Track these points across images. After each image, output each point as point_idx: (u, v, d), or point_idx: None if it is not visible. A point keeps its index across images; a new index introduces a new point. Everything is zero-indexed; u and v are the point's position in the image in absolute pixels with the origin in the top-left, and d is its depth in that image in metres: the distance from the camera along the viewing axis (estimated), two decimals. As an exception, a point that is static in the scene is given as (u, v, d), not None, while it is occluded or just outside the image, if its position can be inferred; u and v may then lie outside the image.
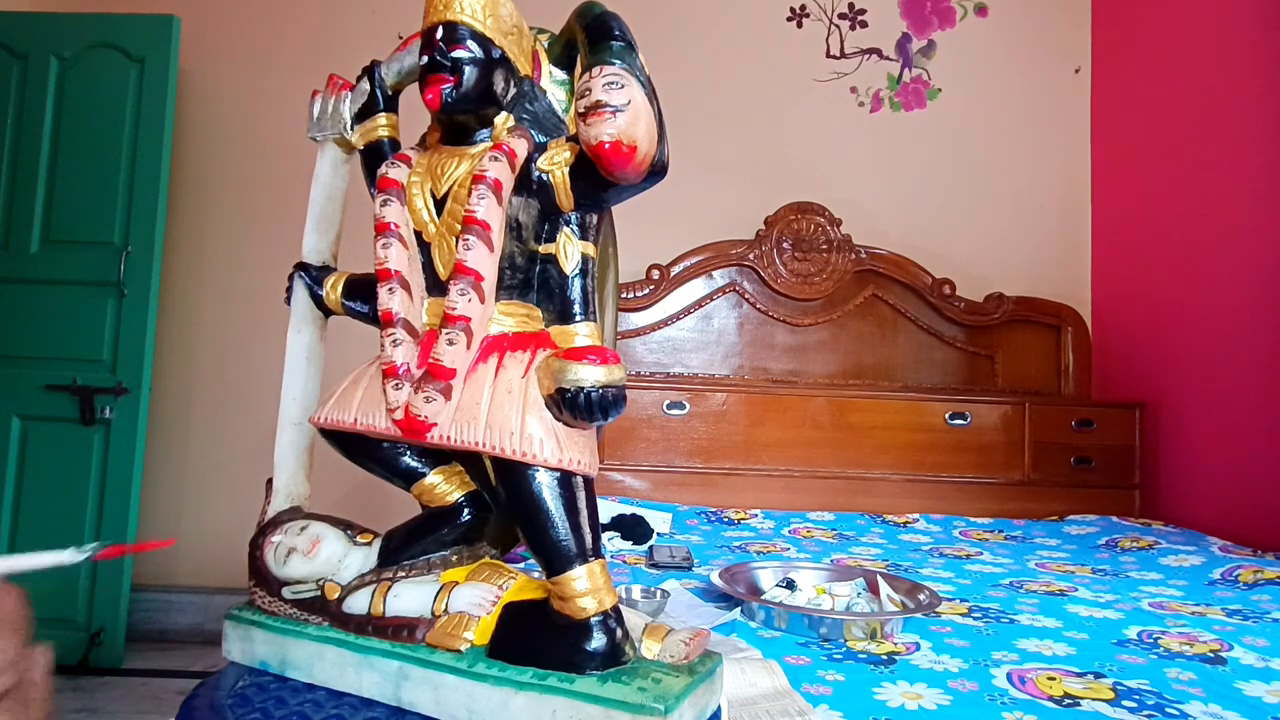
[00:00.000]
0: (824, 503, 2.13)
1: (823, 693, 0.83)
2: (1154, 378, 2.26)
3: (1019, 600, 1.26)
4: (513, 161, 0.56)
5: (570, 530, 0.53)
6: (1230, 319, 2.00)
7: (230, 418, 2.54)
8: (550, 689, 0.52)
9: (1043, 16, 2.66)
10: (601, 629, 0.54)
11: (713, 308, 2.50)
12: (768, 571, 1.24)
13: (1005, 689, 0.86)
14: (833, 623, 1.02)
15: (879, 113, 2.66)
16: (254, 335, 2.53)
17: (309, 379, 0.75)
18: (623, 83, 0.50)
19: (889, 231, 2.54)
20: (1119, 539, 1.81)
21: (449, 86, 0.57)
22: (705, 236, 2.49)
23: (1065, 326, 2.49)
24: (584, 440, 0.54)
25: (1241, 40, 2.01)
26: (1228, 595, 1.34)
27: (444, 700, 0.55)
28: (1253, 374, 1.91)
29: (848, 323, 2.49)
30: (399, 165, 0.61)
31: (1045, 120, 2.65)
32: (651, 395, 2.18)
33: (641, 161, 0.51)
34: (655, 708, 0.50)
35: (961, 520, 2.03)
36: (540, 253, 0.59)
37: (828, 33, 2.67)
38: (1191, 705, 0.83)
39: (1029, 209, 2.62)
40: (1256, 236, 1.92)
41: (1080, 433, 2.24)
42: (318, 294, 0.72)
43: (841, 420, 2.22)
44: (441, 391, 0.56)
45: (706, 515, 1.98)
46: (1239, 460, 1.94)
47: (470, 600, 0.58)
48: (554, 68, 0.63)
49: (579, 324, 0.58)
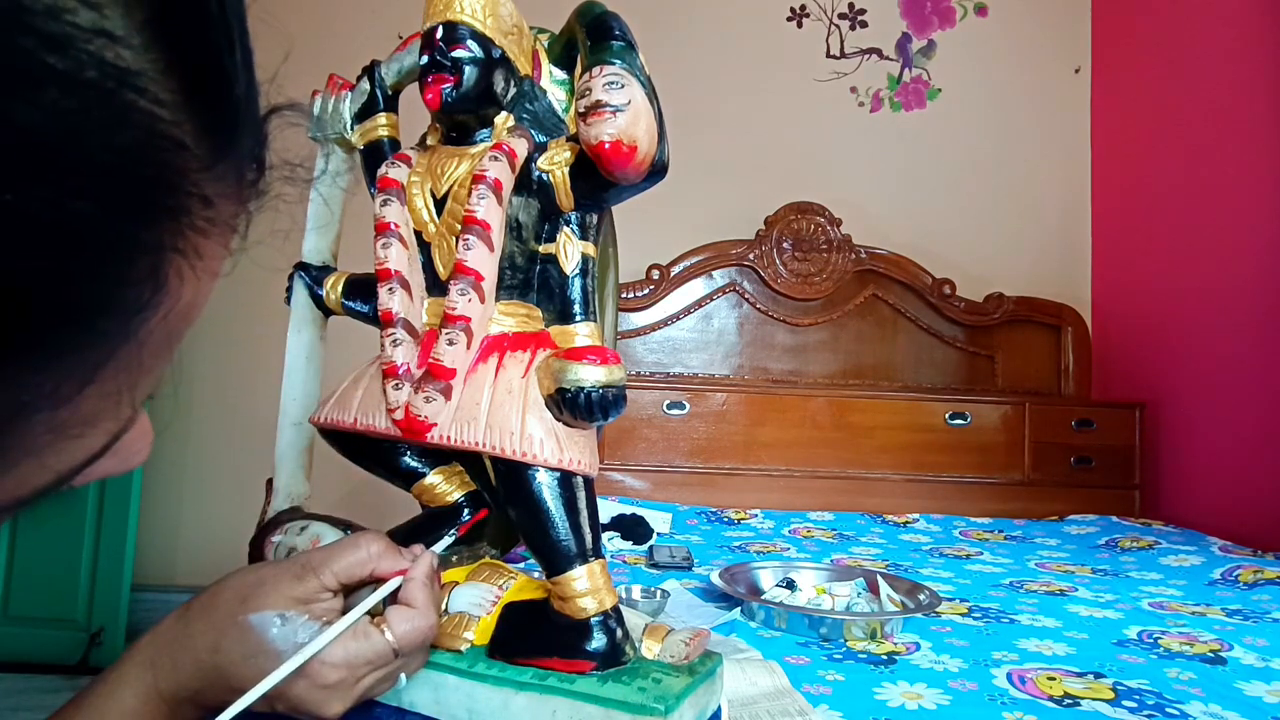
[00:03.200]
0: (824, 503, 2.13)
1: (823, 693, 0.83)
2: (1154, 378, 2.26)
3: (1019, 600, 1.26)
4: (513, 161, 0.56)
5: (570, 530, 0.53)
6: (1230, 319, 2.00)
7: (230, 418, 2.54)
8: (550, 689, 0.52)
9: (1043, 16, 2.66)
10: (601, 629, 0.54)
11: (713, 308, 2.50)
12: (768, 571, 1.24)
13: (1005, 689, 0.86)
14: (833, 623, 1.02)
15: (879, 113, 2.66)
16: (254, 335, 2.53)
17: (309, 379, 0.75)
18: (623, 82, 0.50)
19: (889, 231, 2.54)
20: (1119, 539, 1.81)
21: (449, 86, 0.57)
22: (705, 236, 2.49)
23: (1065, 326, 2.49)
24: (584, 440, 0.54)
25: (1242, 40, 2.01)
26: (1228, 595, 1.34)
27: (444, 700, 0.55)
28: (1253, 374, 1.91)
29: (848, 323, 2.49)
30: (399, 165, 0.61)
31: (1045, 120, 2.64)
32: (651, 395, 2.18)
33: (642, 161, 0.51)
34: (655, 708, 0.50)
35: (961, 520, 2.03)
36: (540, 253, 0.59)
37: (828, 33, 2.67)
38: (1191, 705, 0.83)
39: (1029, 209, 2.62)
40: (1257, 236, 1.92)
41: (1080, 433, 2.24)
42: (318, 294, 0.72)
43: (841, 420, 2.22)
44: (441, 391, 0.56)
45: (706, 515, 1.98)
46: (1239, 460, 1.94)
47: (470, 600, 0.58)
48: (554, 68, 0.63)
49: (579, 324, 0.58)
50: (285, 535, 0.67)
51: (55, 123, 0.17)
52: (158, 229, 0.20)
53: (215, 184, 0.21)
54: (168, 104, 0.19)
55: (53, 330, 0.18)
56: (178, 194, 0.20)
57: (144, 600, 2.43)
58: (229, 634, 0.48)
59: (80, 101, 0.17)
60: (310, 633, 0.48)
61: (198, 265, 0.21)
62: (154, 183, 0.19)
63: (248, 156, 0.23)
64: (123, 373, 0.21)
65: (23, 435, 0.20)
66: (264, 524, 0.70)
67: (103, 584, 2.28)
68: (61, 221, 0.17)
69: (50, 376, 0.19)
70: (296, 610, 0.49)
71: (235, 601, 0.49)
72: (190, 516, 2.55)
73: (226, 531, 2.42)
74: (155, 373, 0.23)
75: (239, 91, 0.22)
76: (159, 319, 0.21)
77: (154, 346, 0.21)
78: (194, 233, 0.21)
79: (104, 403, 0.21)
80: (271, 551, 0.66)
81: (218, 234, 0.22)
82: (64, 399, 0.20)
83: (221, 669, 0.47)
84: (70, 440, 0.21)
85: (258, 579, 0.50)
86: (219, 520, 2.50)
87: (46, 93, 0.16)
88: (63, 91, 0.17)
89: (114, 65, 0.18)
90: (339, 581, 0.51)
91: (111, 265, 0.19)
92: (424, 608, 0.51)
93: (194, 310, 0.22)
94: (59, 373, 0.19)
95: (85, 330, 0.19)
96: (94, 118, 0.17)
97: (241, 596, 0.49)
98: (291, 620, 0.48)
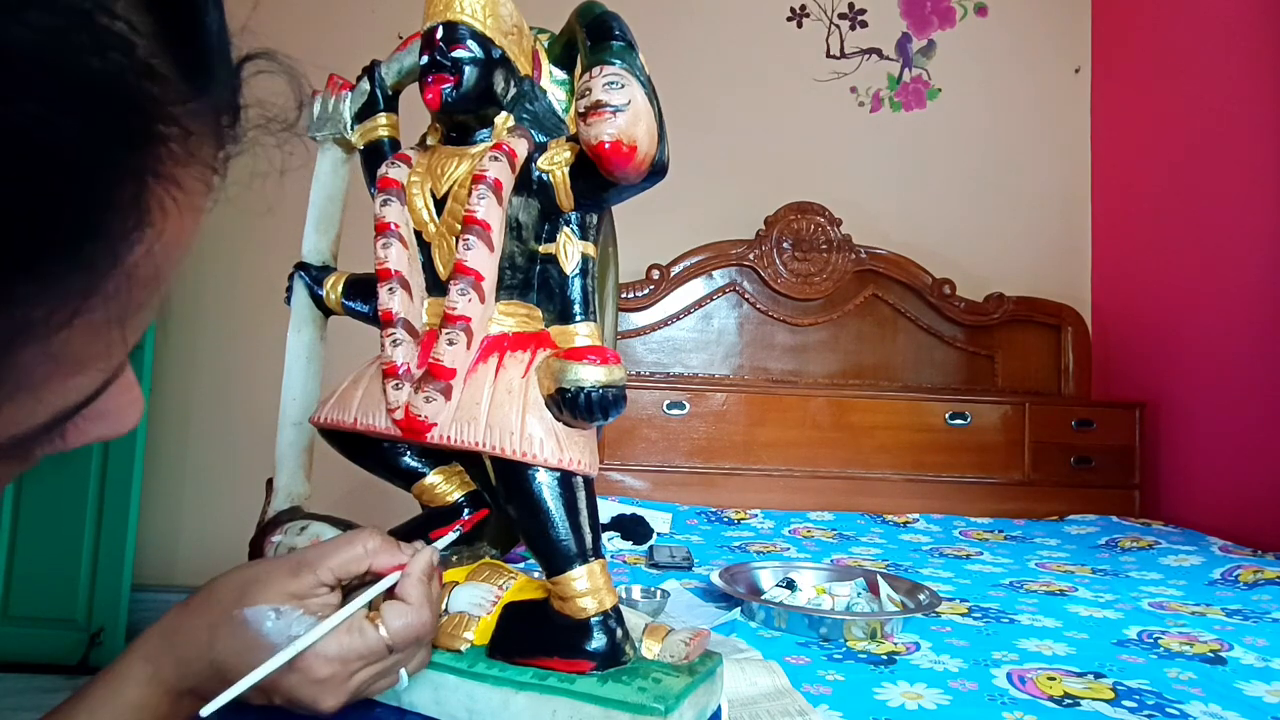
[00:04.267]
0: (824, 503, 2.13)
1: (823, 693, 0.83)
2: (1154, 378, 2.26)
3: (1019, 600, 1.26)
4: (513, 161, 0.56)
5: (570, 530, 0.53)
6: (1230, 319, 2.00)
7: (230, 418, 2.54)
8: (550, 689, 0.52)
9: (1043, 16, 2.66)
10: (601, 629, 0.54)
11: (713, 308, 2.50)
12: (768, 571, 1.24)
13: (1005, 689, 0.87)
14: (833, 623, 1.02)
15: (879, 113, 2.66)
16: (254, 335, 2.53)
17: (309, 379, 0.75)
18: (623, 83, 0.50)
19: (889, 231, 2.54)
20: (1119, 539, 1.81)
21: (449, 86, 0.57)
22: (705, 236, 2.49)
23: (1065, 326, 2.49)
24: (584, 440, 0.54)
25: (1242, 40, 2.01)
26: (1228, 595, 1.34)
27: (444, 700, 0.55)
28: (1253, 374, 1.91)
29: (848, 323, 2.49)
30: (399, 165, 0.61)
31: (1045, 120, 2.64)
32: (651, 395, 2.18)
33: (642, 161, 0.51)
34: (655, 708, 0.50)
35: (961, 520, 2.03)
36: (540, 253, 0.59)
37: (828, 33, 2.67)
38: (1192, 705, 0.83)
39: (1029, 209, 2.62)
40: (1257, 236, 1.92)
41: (1080, 433, 2.24)
42: (318, 294, 0.72)
43: (841, 420, 2.22)
44: (441, 391, 0.56)
45: (706, 515, 1.98)
46: (1239, 460, 1.94)
47: (470, 600, 0.58)
48: (554, 68, 0.63)
49: (579, 324, 0.58)
50: (285, 535, 0.67)
51: (40, 40, 0.18)
52: (138, 154, 0.21)
53: (191, 118, 0.22)
54: (143, 33, 0.20)
55: (44, 251, 0.19)
56: (156, 120, 0.21)
57: (144, 600, 2.42)
58: (225, 628, 0.48)
59: (63, 21, 0.18)
60: (305, 627, 0.48)
61: (179, 198, 0.22)
62: (134, 107, 0.20)
63: (224, 98, 0.24)
64: (111, 303, 0.22)
65: (18, 364, 0.20)
66: (264, 524, 0.70)
67: (103, 584, 2.28)
68: (49, 139, 0.18)
69: (43, 301, 0.20)
70: (292, 605, 0.49)
71: (232, 596, 0.49)
72: (190, 516, 2.55)
73: (226, 531, 2.42)
74: (143, 313, 0.23)
75: (212, 31, 0.23)
76: (144, 250, 0.22)
77: (141, 280, 0.22)
78: (173, 162, 0.22)
79: (95, 339, 0.22)
80: (271, 551, 0.66)
81: (197, 168, 0.23)
82: (56, 326, 0.20)
83: (218, 662, 0.48)
84: (65, 377, 0.22)
85: (255, 574, 0.51)
86: (219, 520, 2.50)
87: (30, 12, 0.17)
88: (44, 10, 0.18)
89: None
90: (336, 577, 0.51)
91: (98, 187, 0.20)
92: (419, 603, 0.51)
93: (177, 247, 0.23)
94: (51, 298, 0.20)
95: (74, 253, 0.20)
96: (76, 40, 0.18)
97: (239, 591, 0.49)
98: (286, 614, 0.48)
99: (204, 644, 0.48)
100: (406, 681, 0.53)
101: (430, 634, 0.53)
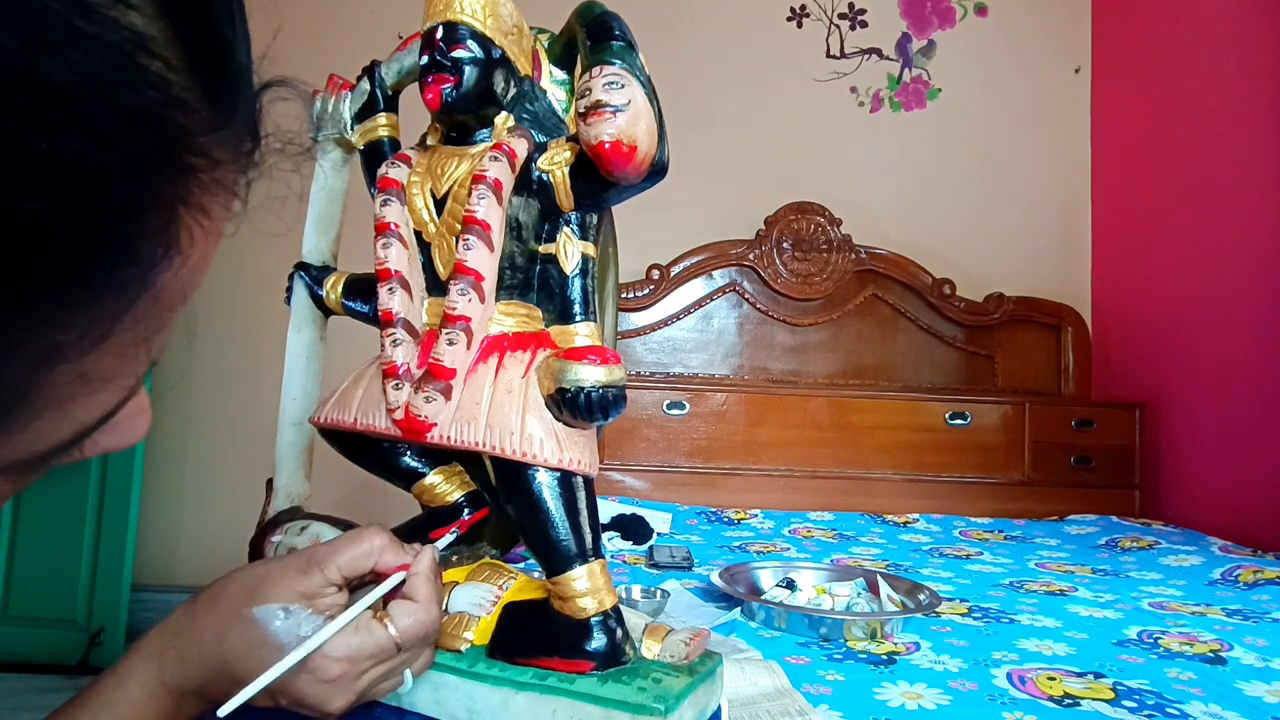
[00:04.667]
0: (824, 503, 2.13)
1: (823, 693, 0.83)
2: (1154, 378, 2.26)
3: (1019, 600, 1.26)
4: (513, 161, 0.56)
5: (570, 530, 0.53)
6: (1230, 319, 2.00)
7: (230, 418, 2.54)
8: (550, 689, 0.52)
9: (1043, 16, 2.66)
10: (601, 629, 0.54)
11: (713, 308, 2.50)
12: (768, 571, 1.24)
13: (1005, 689, 0.87)
14: (833, 623, 1.02)
15: (879, 113, 2.65)
16: (254, 335, 2.53)
17: (309, 379, 0.75)
18: (623, 83, 0.50)
19: (889, 231, 2.54)
20: (1119, 539, 1.81)
21: (449, 86, 0.57)
22: (705, 236, 2.49)
23: (1065, 326, 2.49)
24: (584, 440, 0.54)
25: (1242, 40, 2.01)
26: (1228, 595, 1.34)
27: (444, 700, 0.55)
28: (1253, 374, 1.91)
29: (848, 323, 2.49)
30: (399, 165, 0.61)
31: (1045, 120, 2.64)
32: (651, 395, 2.18)
33: (642, 161, 0.51)
34: (655, 708, 0.50)
35: (961, 520, 2.03)
36: (540, 253, 0.59)
37: (828, 33, 2.67)
38: (1192, 705, 0.83)
39: (1029, 209, 2.62)
40: (1257, 236, 1.92)
41: (1080, 433, 2.24)
42: (318, 294, 0.72)
43: (841, 420, 2.21)
44: (441, 391, 0.56)
45: (706, 515, 1.98)
46: (1239, 460, 1.94)
47: (470, 600, 0.58)
48: (554, 68, 0.63)
49: (579, 324, 0.58)
50: (285, 535, 0.67)
51: (82, 80, 0.18)
52: (171, 183, 0.22)
53: (218, 147, 0.23)
54: (176, 68, 0.21)
55: (82, 275, 0.20)
56: (187, 151, 0.22)
57: (144, 600, 2.42)
58: (233, 627, 0.48)
59: (103, 61, 0.19)
60: (313, 626, 0.48)
61: (205, 223, 0.23)
62: (167, 139, 0.21)
63: (246, 125, 0.25)
64: (140, 325, 0.22)
65: (49, 384, 0.21)
66: (264, 524, 0.70)
67: (103, 584, 2.28)
68: (90, 171, 0.19)
69: (78, 323, 0.21)
70: (301, 604, 0.49)
71: (241, 595, 0.49)
72: (190, 516, 2.55)
73: (226, 531, 2.42)
74: (165, 331, 0.24)
75: (239, 62, 0.24)
76: (173, 274, 0.22)
77: (168, 301, 0.23)
78: (201, 190, 0.23)
79: (122, 357, 0.23)
80: (271, 551, 0.66)
81: (221, 195, 0.24)
82: (88, 348, 0.21)
83: (226, 662, 0.48)
84: (90, 394, 0.23)
85: (263, 573, 0.51)
86: (219, 520, 2.50)
87: (74, 53, 0.18)
88: (88, 52, 0.19)
89: (131, 29, 0.19)
90: (343, 576, 0.51)
91: (133, 217, 0.21)
92: (426, 602, 0.51)
93: (200, 270, 0.24)
94: (85, 320, 0.21)
95: (109, 278, 0.21)
96: (115, 77, 0.19)
97: (247, 590, 0.49)
98: (295, 614, 0.48)
99: (211, 643, 0.48)
100: (411, 683, 0.53)
101: (436, 632, 0.53)
